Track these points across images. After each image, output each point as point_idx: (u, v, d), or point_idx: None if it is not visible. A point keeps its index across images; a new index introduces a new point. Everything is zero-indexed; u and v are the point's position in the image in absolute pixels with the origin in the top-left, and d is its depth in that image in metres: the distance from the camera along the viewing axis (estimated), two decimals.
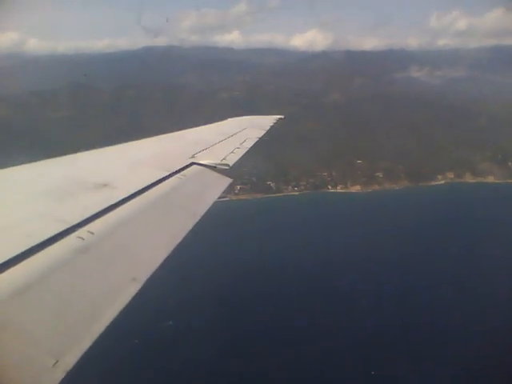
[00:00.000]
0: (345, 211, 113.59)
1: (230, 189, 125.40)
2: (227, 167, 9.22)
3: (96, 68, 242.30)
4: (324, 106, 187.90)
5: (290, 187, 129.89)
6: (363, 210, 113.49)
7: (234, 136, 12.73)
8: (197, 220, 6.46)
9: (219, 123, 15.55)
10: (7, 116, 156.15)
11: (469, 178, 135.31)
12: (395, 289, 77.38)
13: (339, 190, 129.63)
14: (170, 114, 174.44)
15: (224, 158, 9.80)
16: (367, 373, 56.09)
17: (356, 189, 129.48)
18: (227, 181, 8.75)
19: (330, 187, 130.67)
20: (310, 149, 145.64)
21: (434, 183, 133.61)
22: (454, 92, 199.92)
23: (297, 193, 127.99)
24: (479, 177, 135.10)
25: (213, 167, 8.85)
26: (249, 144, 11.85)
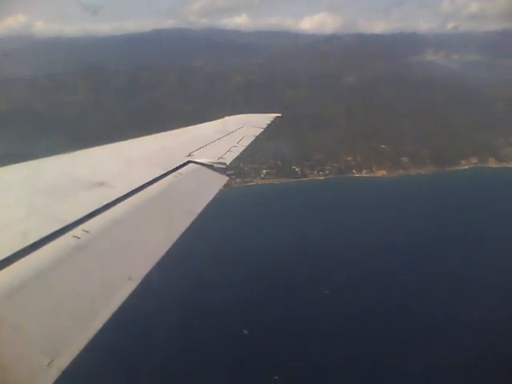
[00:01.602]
0: (371, 196, 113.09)
1: (256, 173, 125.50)
2: (224, 166, 9.21)
3: (106, 51, 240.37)
4: (341, 88, 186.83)
5: (315, 172, 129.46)
6: (390, 195, 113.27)
7: (231, 134, 12.78)
8: (193, 218, 6.44)
9: (216, 121, 15.44)
10: (26, 99, 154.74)
11: (492, 163, 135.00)
12: (419, 274, 77.20)
13: (364, 174, 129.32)
14: (186, 97, 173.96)
15: (221, 157, 9.82)
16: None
17: (381, 173, 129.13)
18: (224, 179, 8.74)
19: (354, 172, 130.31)
20: (331, 132, 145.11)
21: (458, 168, 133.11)
22: (469, 76, 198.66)
23: (322, 177, 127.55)
24: (503, 162, 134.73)
25: (210, 166, 8.84)
26: (246, 142, 11.90)
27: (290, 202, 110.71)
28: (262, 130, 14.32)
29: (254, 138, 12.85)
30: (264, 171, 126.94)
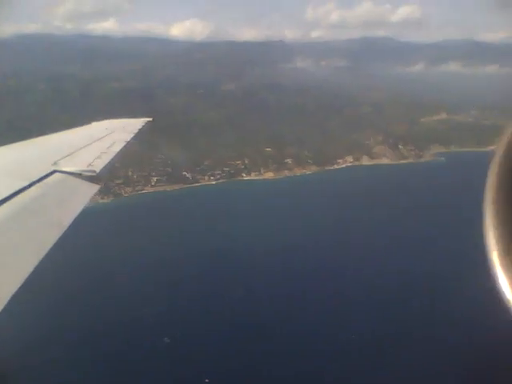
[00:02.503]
0: (262, 198, 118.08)
1: (146, 181, 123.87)
2: (94, 173, 8.76)
3: None
4: (220, 94, 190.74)
5: (206, 177, 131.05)
6: (279, 195, 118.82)
7: (100, 140, 12.28)
8: (63, 230, 6.07)
9: (83, 127, 14.97)
10: None
11: (366, 161, 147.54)
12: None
13: (254, 177, 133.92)
14: (60, 106, 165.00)
15: (90, 164, 9.37)
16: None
17: (269, 175, 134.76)
18: (94, 188, 8.34)
19: (244, 175, 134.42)
20: (218, 138, 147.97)
21: (337, 167, 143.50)
22: (338, 81, 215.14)
23: (214, 182, 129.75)
24: (375, 159, 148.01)
25: (78, 174, 8.42)
26: (116, 148, 11.47)
27: (181, 209, 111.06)
28: (132, 134, 13.89)
29: (124, 143, 12.36)
30: (155, 179, 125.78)
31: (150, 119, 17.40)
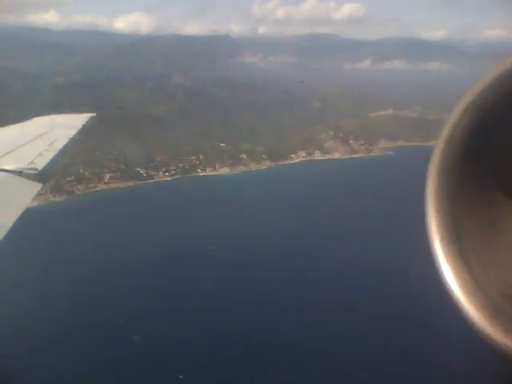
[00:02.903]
0: (220, 193, 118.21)
1: (99, 178, 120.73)
2: (35, 171, 8.42)
3: None
4: (171, 88, 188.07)
5: (160, 173, 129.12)
6: (237, 190, 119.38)
7: (42, 137, 11.77)
8: (6, 231, 5.80)
9: (25, 123, 14.34)
10: None
11: (318, 156, 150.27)
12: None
13: (209, 172, 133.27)
14: (3, 101, 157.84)
15: (31, 162, 8.93)
16: None
17: (224, 171, 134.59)
18: (36, 186, 8.04)
19: (199, 170, 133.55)
20: (170, 133, 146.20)
21: (290, 161, 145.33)
22: (286, 77, 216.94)
23: (169, 178, 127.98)
24: (327, 154, 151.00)
25: (18, 172, 8.08)
26: (59, 145, 11.08)
27: (136, 206, 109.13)
28: (76, 131, 13.42)
29: (67, 140, 11.94)
30: (108, 175, 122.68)
31: (94, 114, 17.07)
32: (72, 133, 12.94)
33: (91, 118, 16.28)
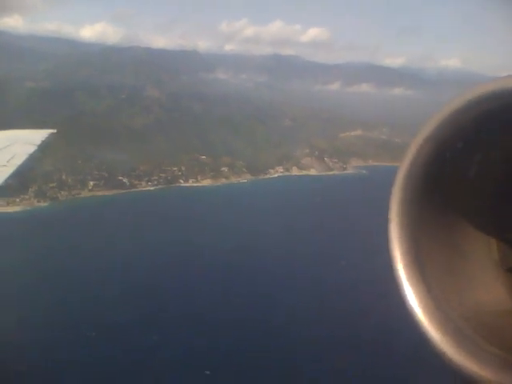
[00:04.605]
0: (205, 204, 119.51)
1: (82, 185, 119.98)
2: None
3: None
4: (146, 100, 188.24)
5: (143, 182, 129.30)
6: (220, 202, 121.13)
7: (1, 152, 11.72)
8: None
9: None
10: None
11: (295, 171, 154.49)
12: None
13: (192, 184, 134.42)
14: None
15: None
16: None
17: (207, 182, 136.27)
18: None
19: (182, 181, 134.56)
20: (149, 144, 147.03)
21: (269, 176, 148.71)
22: (258, 95, 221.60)
23: (152, 188, 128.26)
24: (304, 170, 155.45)
25: None
26: (17, 161, 10.97)
27: (123, 213, 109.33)
28: (35, 147, 13.09)
29: (26, 156, 11.76)
30: (91, 183, 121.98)
31: (54, 131, 16.59)
32: (31, 149, 12.48)
33: (51, 134, 15.76)
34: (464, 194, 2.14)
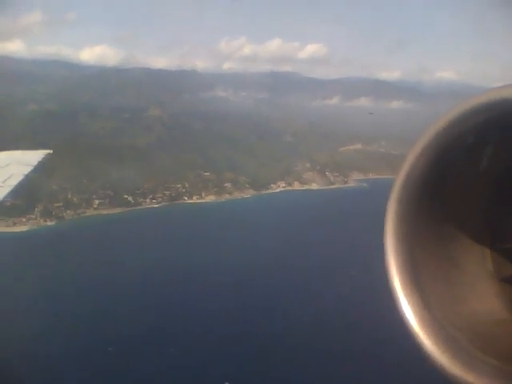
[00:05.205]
0: (206, 220, 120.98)
1: (87, 204, 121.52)
2: None
3: None
4: (148, 120, 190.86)
5: (147, 200, 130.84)
6: (226, 217, 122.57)
7: None
8: None
9: None
10: None
11: (297, 186, 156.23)
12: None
13: (196, 200, 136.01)
14: None
15: None
16: None
17: (210, 198, 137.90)
18: None
19: (186, 198, 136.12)
20: (153, 162, 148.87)
21: (271, 191, 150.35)
22: (257, 112, 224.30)
23: (156, 205, 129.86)
24: (305, 184, 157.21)
25: None
26: (14, 182, 10.96)
27: (129, 230, 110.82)
28: (31, 167, 13.34)
29: (22, 176, 11.92)
30: (96, 201, 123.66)
31: (50, 151, 16.96)
32: (27, 169, 12.72)
33: (47, 154, 15.96)
34: (459, 205, 2.18)
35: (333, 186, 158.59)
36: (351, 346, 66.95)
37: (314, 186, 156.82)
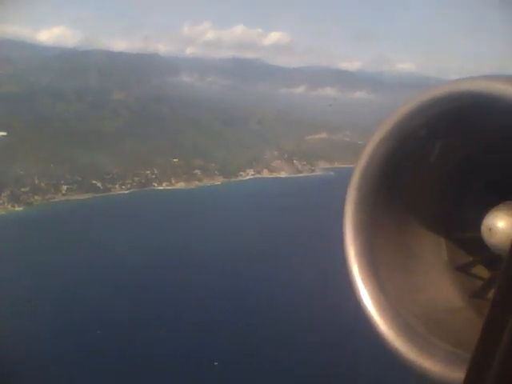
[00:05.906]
0: (177, 207, 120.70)
1: (56, 189, 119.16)
2: None
3: None
4: (112, 103, 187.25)
5: (117, 186, 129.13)
6: (193, 204, 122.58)
7: None
8: None
9: None
10: None
11: (266, 174, 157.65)
12: None
13: (166, 186, 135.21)
14: None
15: None
16: None
17: (180, 185, 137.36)
18: None
19: (155, 184, 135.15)
20: (120, 147, 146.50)
21: (241, 178, 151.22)
22: (224, 98, 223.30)
23: (126, 191, 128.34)
24: (274, 172, 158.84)
25: None
26: None
27: (98, 216, 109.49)
28: None
29: None
30: (65, 187, 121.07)
31: (5, 133, 17.22)
32: None
33: (2, 136, 16.47)
34: (416, 195, 2.27)
35: (301, 175, 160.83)
36: (310, 331, 68.50)
37: (283, 174, 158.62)
